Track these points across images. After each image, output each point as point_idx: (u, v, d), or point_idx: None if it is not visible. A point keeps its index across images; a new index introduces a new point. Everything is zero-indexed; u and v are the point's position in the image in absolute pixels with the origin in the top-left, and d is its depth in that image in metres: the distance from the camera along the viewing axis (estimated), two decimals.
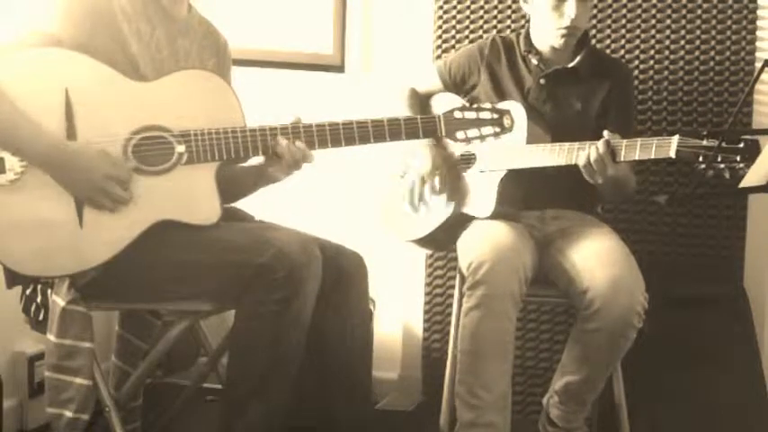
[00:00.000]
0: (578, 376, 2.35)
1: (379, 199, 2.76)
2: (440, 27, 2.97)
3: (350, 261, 2.17)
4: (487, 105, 2.10)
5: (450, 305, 2.82)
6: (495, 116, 2.08)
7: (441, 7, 2.96)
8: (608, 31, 2.86)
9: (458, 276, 2.57)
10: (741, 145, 2.07)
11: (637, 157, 2.23)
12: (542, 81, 2.54)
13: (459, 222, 2.50)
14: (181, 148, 1.96)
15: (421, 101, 2.68)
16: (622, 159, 2.25)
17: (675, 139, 2.16)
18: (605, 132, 2.27)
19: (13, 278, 2.05)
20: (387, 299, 3.01)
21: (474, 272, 2.27)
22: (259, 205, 2.27)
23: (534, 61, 2.55)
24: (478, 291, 2.26)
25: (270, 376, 1.97)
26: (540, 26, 2.54)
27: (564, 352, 2.41)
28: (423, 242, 2.66)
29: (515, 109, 2.15)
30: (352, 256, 2.18)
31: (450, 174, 2.52)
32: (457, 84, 2.63)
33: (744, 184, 1.99)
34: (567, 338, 2.41)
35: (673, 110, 2.83)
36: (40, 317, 2.06)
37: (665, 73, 2.83)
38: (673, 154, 2.16)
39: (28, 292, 2.09)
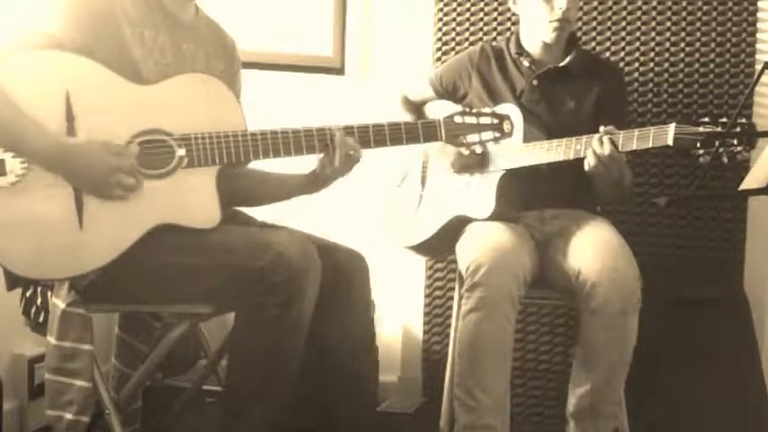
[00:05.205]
0: (588, 385, 2.30)
1: (378, 206, 2.76)
2: (440, 30, 2.97)
3: (350, 260, 2.17)
4: (487, 110, 2.11)
5: (451, 307, 2.82)
6: (495, 121, 2.10)
7: (441, 9, 2.96)
8: (608, 33, 2.86)
9: (458, 278, 2.57)
10: (738, 129, 2.09)
11: (635, 147, 2.23)
12: (535, 82, 2.54)
13: (455, 229, 2.50)
14: (181, 152, 1.96)
15: (416, 107, 2.70)
16: (620, 150, 2.25)
17: (672, 126, 2.17)
18: (601, 128, 2.27)
19: (14, 280, 2.05)
20: (387, 301, 3.01)
21: (472, 274, 2.27)
22: (259, 207, 2.27)
23: (525, 63, 2.56)
24: (476, 293, 2.26)
25: (270, 378, 1.97)
26: (530, 24, 2.55)
27: (572, 369, 2.36)
28: (419, 249, 2.67)
29: (511, 111, 2.16)
30: (353, 255, 2.19)
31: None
32: (449, 92, 2.64)
33: (744, 186, 1.98)
34: (567, 340, 2.40)
35: (672, 112, 2.83)
36: (40, 319, 2.07)
37: (666, 75, 2.83)
38: (671, 141, 2.16)
39: (28, 294, 2.09)
